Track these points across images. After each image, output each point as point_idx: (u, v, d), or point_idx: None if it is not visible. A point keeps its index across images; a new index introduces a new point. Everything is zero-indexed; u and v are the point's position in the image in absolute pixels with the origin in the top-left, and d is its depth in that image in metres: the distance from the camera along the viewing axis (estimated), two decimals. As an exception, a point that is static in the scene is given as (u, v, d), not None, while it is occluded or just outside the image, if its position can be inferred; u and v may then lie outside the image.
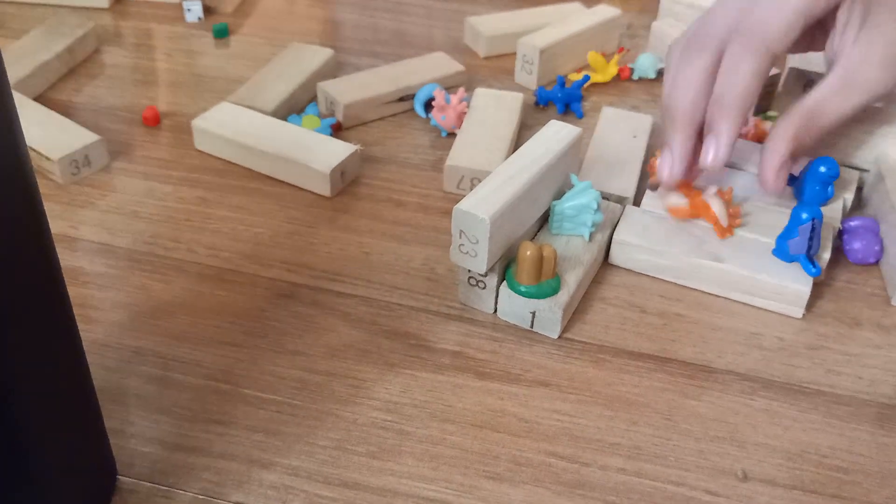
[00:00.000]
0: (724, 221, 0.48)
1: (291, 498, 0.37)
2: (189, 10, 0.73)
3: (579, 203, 0.47)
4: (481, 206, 0.42)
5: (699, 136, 0.49)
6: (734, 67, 0.46)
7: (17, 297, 0.28)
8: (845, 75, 0.47)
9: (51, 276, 0.30)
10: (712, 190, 0.50)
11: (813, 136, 0.48)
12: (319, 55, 0.66)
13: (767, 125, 0.58)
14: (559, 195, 0.49)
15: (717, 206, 0.48)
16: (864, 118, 0.54)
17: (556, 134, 0.48)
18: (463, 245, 0.43)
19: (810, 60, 0.61)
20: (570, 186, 0.48)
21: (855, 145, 0.54)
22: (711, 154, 0.47)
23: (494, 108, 0.60)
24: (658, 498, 0.38)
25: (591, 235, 0.48)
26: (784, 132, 0.48)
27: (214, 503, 0.37)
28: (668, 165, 0.49)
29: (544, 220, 0.50)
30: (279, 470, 0.38)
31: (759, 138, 0.58)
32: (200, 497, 0.37)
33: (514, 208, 0.44)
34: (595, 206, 0.47)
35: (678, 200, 0.50)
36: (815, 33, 0.49)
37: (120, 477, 0.38)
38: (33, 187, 0.29)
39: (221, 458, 0.39)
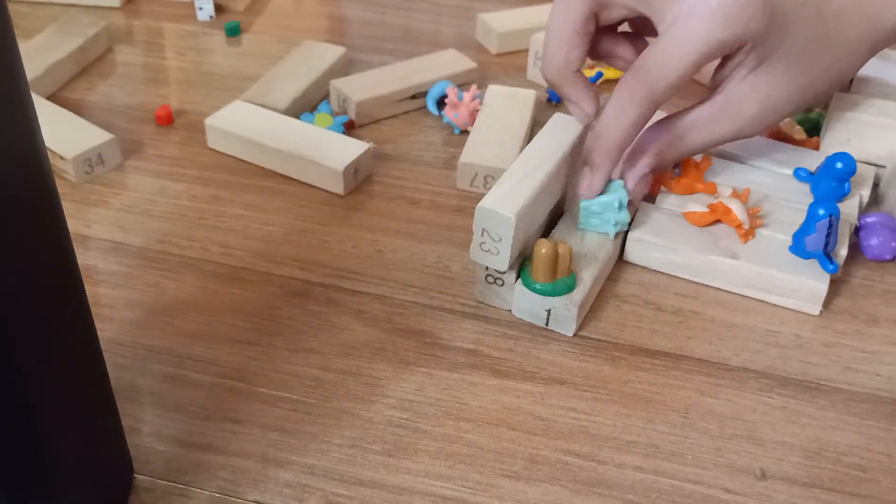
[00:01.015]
0: (747, 224, 0.48)
1: (307, 496, 0.37)
2: (201, 8, 0.73)
3: (605, 200, 0.47)
4: (505, 203, 0.42)
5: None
6: (619, 109, 0.46)
7: (35, 295, 0.28)
8: (723, 106, 0.47)
9: (69, 275, 0.30)
10: (727, 191, 0.50)
11: (675, 155, 0.49)
12: (331, 53, 0.66)
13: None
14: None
15: (738, 209, 0.48)
16: (881, 113, 0.54)
17: (562, 127, 0.48)
18: (485, 243, 0.43)
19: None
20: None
21: (870, 141, 0.54)
22: (586, 185, 0.48)
23: (507, 106, 0.59)
24: (676, 496, 0.38)
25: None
26: (649, 147, 0.48)
27: (231, 501, 0.37)
28: (580, 111, 0.49)
29: (556, 215, 0.49)
30: (295, 468, 0.38)
31: (773, 134, 0.57)
32: (217, 495, 0.37)
33: (534, 204, 0.44)
34: (617, 205, 0.46)
35: (696, 206, 0.49)
36: None
37: (137, 475, 0.38)
38: (52, 187, 0.29)
39: (237, 456, 0.39)
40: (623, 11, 0.47)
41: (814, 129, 0.58)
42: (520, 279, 0.45)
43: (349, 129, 0.60)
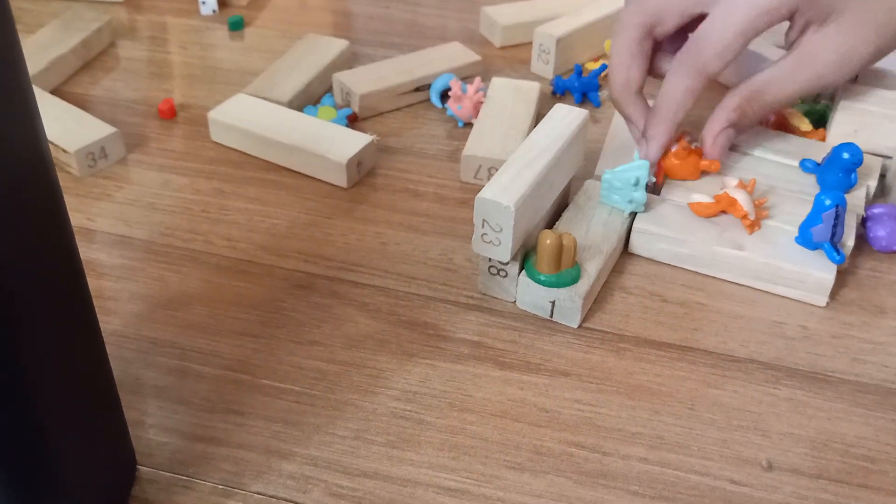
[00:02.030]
0: (752, 215, 0.47)
1: (311, 488, 0.37)
2: (204, 2, 0.73)
3: (624, 177, 0.47)
4: (504, 193, 0.42)
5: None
6: (672, 81, 0.49)
7: (37, 289, 0.28)
8: (799, 59, 0.49)
9: (71, 269, 0.30)
10: (733, 182, 0.49)
11: (756, 110, 0.50)
12: (334, 46, 0.65)
13: (788, 113, 0.57)
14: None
15: (743, 200, 0.47)
16: (888, 104, 0.54)
17: (564, 118, 0.48)
18: (486, 234, 0.43)
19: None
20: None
21: (877, 131, 0.54)
22: (642, 154, 0.50)
23: (511, 98, 0.59)
24: (681, 488, 0.37)
25: (618, 222, 0.48)
26: (729, 102, 0.50)
27: (234, 493, 0.37)
28: (638, 134, 0.52)
29: (560, 206, 0.49)
30: (298, 460, 0.38)
31: (780, 126, 0.57)
32: (220, 487, 0.37)
33: (534, 194, 0.44)
34: (633, 183, 0.46)
35: (701, 197, 0.49)
36: None
37: (140, 467, 0.38)
38: (54, 180, 0.28)
39: (240, 448, 0.38)
40: (676, 19, 0.49)
41: (820, 121, 0.58)
42: (524, 270, 0.45)
43: (352, 122, 0.60)
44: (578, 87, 0.62)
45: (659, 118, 0.49)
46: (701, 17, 0.49)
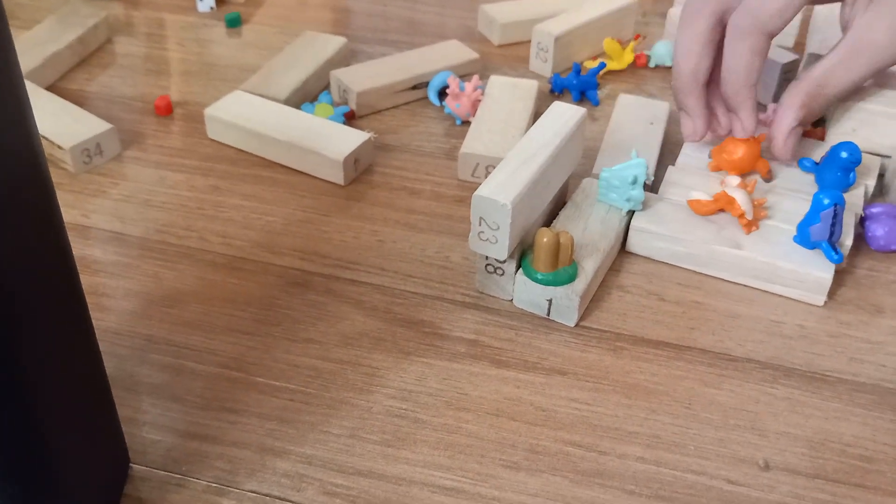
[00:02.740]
0: (750, 215, 0.47)
1: (305, 486, 0.37)
2: (201, -1, 0.73)
3: (622, 175, 0.46)
4: (501, 191, 0.42)
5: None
6: (733, 47, 0.48)
7: (30, 285, 0.28)
8: (853, 44, 0.48)
9: (64, 265, 0.30)
10: (734, 181, 0.49)
11: (821, 103, 0.50)
12: (332, 43, 0.65)
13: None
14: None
15: (742, 200, 0.47)
16: (888, 103, 0.54)
17: (562, 116, 0.48)
18: (483, 232, 0.43)
19: (830, 45, 0.60)
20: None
21: (876, 131, 0.53)
22: (738, 130, 0.50)
23: (509, 96, 0.59)
24: (678, 487, 0.37)
25: (616, 220, 0.48)
26: (793, 100, 0.50)
27: (227, 491, 0.36)
28: (691, 126, 0.52)
29: (557, 205, 0.49)
30: (293, 458, 0.38)
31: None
32: (213, 485, 0.37)
33: (531, 192, 0.43)
34: (632, 181, 0.46)
35: (700, 195, 0.49)
36: None
37: (133, 465, 0.37)
38: (47, 178, 0.28)
39: (234, 446, 0.38)
40: None
41: (819, 121, 0.57)
42: (521, 269, 0.45)
43: (350, 119, 0.60)
44: (577, 85, 0.62)
45: (735, 87, 0.49)
46: None
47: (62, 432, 0.31)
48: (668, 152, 0.55)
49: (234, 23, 0.71)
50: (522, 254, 0.45)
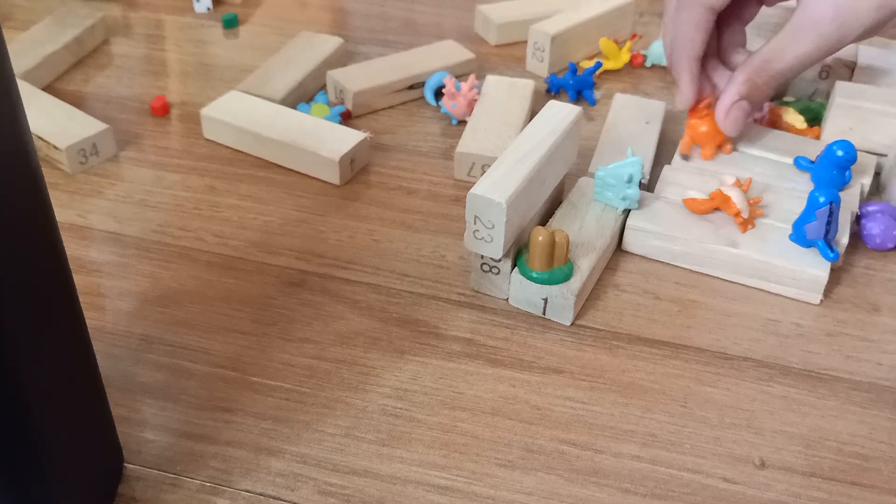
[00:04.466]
0: (745, 213, 0.47)
1: (300, 485, 0.37)
2: (198, 0, 0.73)
3: (618, 174, 0.46)
4: (496, 189, 0.42)
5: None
6: (676, 17, 0.51)
7: (21, 284, 0.28)
8: (799, 20, 0.49)
9: (56, 264, 0.30)
10: (730, 180, 0.49)
11: (766, 79, 0.50)
12: (329, 44, 0.65)
13: (782, 111, 0.57)
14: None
15: (737, 198, 0.47)
16: (883, 102, 0.54)
17: (557, 114, 0.48)
18: (478, 231, 0.43)
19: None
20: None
21: (872, 129, 0.53)
22: (677, 100, 0.53)
23: (505, 96, 0.59)
24: (673, 485, 0.37)
25: (611, 219, 0.48)
26: (738, 75, 0.50)
27: (222, 490, 0.36)
28: (679, 95, 0.53)
29: (553, 204, 0.49)
30: (287, 457, 0.38)
31: (774, 124, 0.57)
32: (208, 484, 0.37)
33: (526, 190, 0.43)
34: (627, 179, 0.46)
35: (696, 193, 0.49)
36: None
37: (127, 464, 0.37)
38: (38, 176, 0.28)
39: (229, 445, 0.38)
40: None
41: (815, 120, 0.57)
42: (516, 267, 0.45)
43: (346, 119, 0.60)
44: (573, 84, 0.62)
45: (674, 57, 0.51)
46: None
47: (53, 431, 0.31)
48: (664, 151, 0.55)
49: (231, 23, 0.71)
50: (518, 253, 0.45)
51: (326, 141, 0.54)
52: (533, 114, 0.59)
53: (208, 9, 0.73)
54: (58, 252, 0.30)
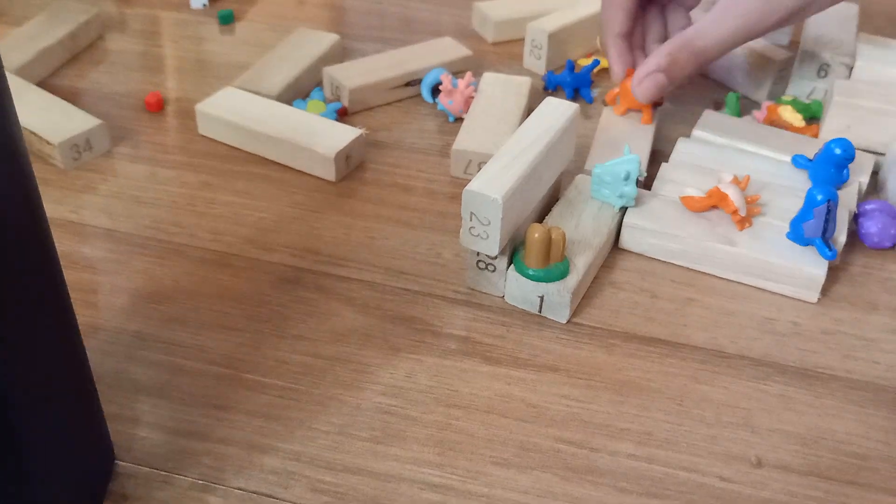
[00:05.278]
0: (743, 211, 0.47)
1: (293, 483, 0.36)
2: (194, -4, 0.73)
3: (615, 171, 0.46)
4: (492, 186, 0.41)
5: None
6: (604, 1, 0.56)
7: (9, 280, 0.27)
8: (725, 4, 0.50)
9: (45, 259, 0.30)
10: (728, 178, 0.49)
11: (687, 56, 0.52)
12: (325, 40, 0.65)
13: (780, 108, 0.57)
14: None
15: (734, 196, 0.47)
16: (881, 101, 0.53)
17: (554, 111, 0.47)
18: (474, 227, 0.42)
19: (825, 43, 0.60)
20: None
21: (870, 128, 0.53)
22: (612, 75, 0.57)
23: (502, 93, 0.59)
24: (669, 484, 0.37)
25: (608, 216, 0.47)
26: (660, 49, 0.53)
27: (214, 488, 0.36)
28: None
29: (550, 201, 0.49)
30: (280, 455, 0.37)
31: (772, 122, 0.57)
32: (200, 482, 0.36)
33: (523, 187, 0.43)
34: (624, 177, 0.46)
35: (693, 191, 0.48)
36: None
37: (118, 462, 0.37)
38: (28, 171, 0.28)
39: (222, 443, 0.38)
40: None
41: (812, 118, 0.57)
42: (512, 265, 0.44)
43: (342, 116, 0.59)
44: (570, 82, 0.62)
45: (602, 36, 0.56)
46: None
47: (37, 428, 0.30)
48: (662, 149, 0.55)
49: (227, 20, 0.71)
50: (514, 250, 0.45)
51: (322, 137, 0.54)
52: (530, 111, 0.59)
53: (204, 5, 0.73)
54: (47, 248, 0.30)
